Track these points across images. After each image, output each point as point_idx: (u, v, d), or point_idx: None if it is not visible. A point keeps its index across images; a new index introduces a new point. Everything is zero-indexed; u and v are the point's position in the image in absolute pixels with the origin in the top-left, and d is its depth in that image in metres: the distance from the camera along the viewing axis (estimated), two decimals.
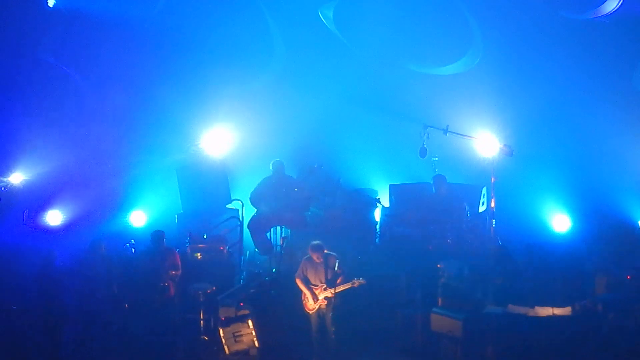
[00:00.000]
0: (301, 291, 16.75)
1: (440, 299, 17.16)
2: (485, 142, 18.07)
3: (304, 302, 16.71)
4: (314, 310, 16.61)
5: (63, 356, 16.54)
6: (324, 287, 16.46)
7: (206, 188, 20.89)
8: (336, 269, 16.54)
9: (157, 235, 17.60)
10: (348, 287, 16.41)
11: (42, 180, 20.81)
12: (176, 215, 20.70)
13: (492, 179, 18.28)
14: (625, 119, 20.44)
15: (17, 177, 20.42)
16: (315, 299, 16.50)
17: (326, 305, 16.48)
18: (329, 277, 16.46)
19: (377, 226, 20.07)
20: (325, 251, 16.60)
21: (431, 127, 18.04)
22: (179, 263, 17.44)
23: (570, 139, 20.65)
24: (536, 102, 20.84)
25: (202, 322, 16.92)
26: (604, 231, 19.48)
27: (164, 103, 21.64)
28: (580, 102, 20.64)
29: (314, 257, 16.55)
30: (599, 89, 20.59)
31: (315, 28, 22.18)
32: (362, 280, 16.41)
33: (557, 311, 16.06)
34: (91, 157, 21.27)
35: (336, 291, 16.43)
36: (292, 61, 22.25)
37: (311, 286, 16.63)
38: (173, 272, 17.21)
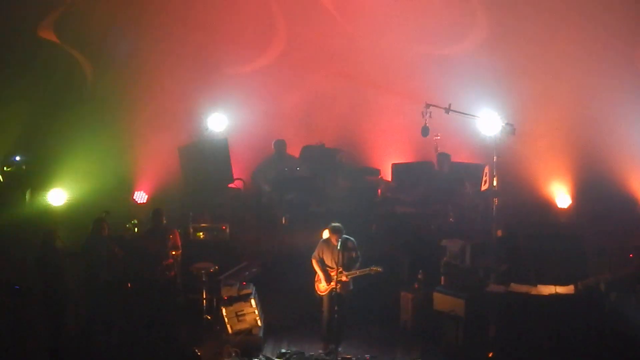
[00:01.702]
0: (313, 273, 16.67)
1: (442, 278, 17.19)
2: (487, 121, 18.02)
3: (315, 284, 16.66)
4: (326, 292, 16.56)
5: (66, 336, 16.56)
6: (339, 270, 16.33)
7: (208, 167, 20.89)
8: (353, 253, 16.51)
9: (156, 213, 17.55)
10: (365, 273, 16.35)
11: (45, 160, 20.85)
12: (178, 194, 20.69)
13: (495, 157, 18.25)
14: (628, 97, 20.37)
15: (20, 158, 20.48)
16: (329, 282, 16.44)
17: (340, 287, 16.40)
18: (345, 260, 16.36)
19: (379, 205, 20.04)
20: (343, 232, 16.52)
21: (433, 105, 18.00)
22: (179, 243, 17.39)
23: (572, 117, 20.58)
24: (538, 80, 20.78)
25: (204, 301, 16.96)
26: (607, 209, 19.49)
27: (167, 83, 21.61)
28: (583, 80, 20.55)
29: (333, 240, 16.41)
30: (601, 67, 20.49)
31: (315, 7, 22.08)
32: (379, 268, 16.28)
33: (560, 290, 16.08)
34: (94, 137, 21.25)
35: (352, 275, 16.38)
36: (293, 40, 22.17)
37: (327, 268, 16.57)
38: (173, 253, 17.15)
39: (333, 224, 16.51)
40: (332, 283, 16.36)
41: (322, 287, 16.52)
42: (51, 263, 16.33)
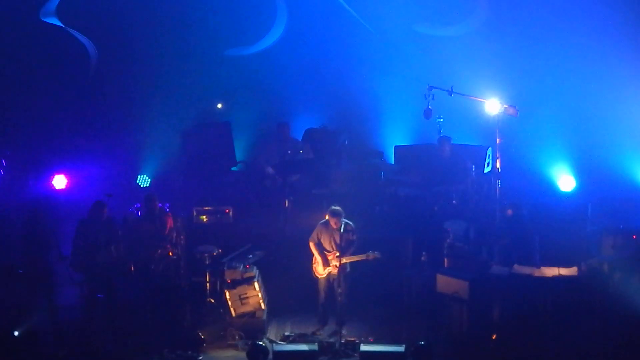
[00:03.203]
0: (312, 255, 16.70)
1: (446, 260, 17.19)
2: (490, 103, 17.99)
3: (313, 266, 16.69)
4: (324, 275, 16.61)
5: (61, 319, 16.52)
6: (337, 254, 16.36)
7: (211, 150, 20.92)
8: (351, 237, 16.51)
9: (149, 199, 17.53)
10: (362, 258, 16.35)
11: (47, 144, 20.85)
12: (182, 178, 20.71)
13: (498, 139, 18.24)
14: (631, 78, 20.33)
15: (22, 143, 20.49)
16: (326, 265, 16.47)
17: (338, 271, 16.41)
18: (343, 244, 16.36)
19: (382, 187, 20.03)
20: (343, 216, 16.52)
21: (436, 88, 17.97)
22: (172, 225, 17.37)
23: (575, 98, 20.55)
24: (541, 61, 20.75)
25: (208, 284, 16.96)
26: (610, 191, 19.47)
27: (170, 65, 21.59)
28: (586, 61, 20.52)
29: (332, 223, 16.39)
30: (604, 47, 20.44)
31: None
32: (377, 254, 16.29)
33: (563, 271, 16.06)
34: (98, 120, 21.25)
35: (348, 260, 16.39)
36: (295, 23, 22.12)
37: (324, 252, 16.57)
38: (173, 235, 17.20)
39: (333, 207, 16.52)
40: (329, 267, 16.40)
41: (320, 270, 16.55)
42: (37, 242, 16.28)
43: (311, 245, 16.65)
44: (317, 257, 16.56)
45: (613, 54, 20.28)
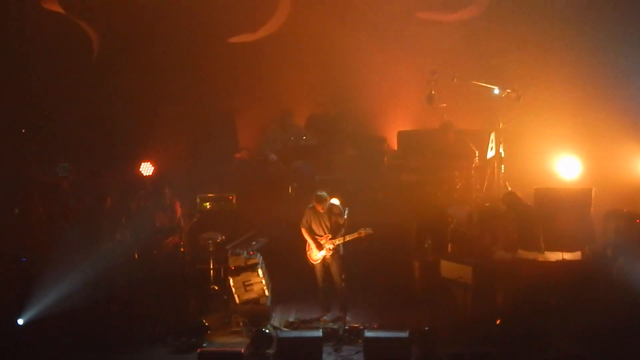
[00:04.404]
0: (306, 241, 16.72)
1: (450, 246, 17.18)
2: (493, 88, 17.97)
3: (307, 252, 16.69)
4: (318, 261, 16.62)
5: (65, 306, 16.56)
6: (328, 237, 16.41)
7: (215, 137, 20.92)
8: (340, 219, 16.51)
9: (158, 189, 17.61)
10: (354, 237, 16.35)
11: (52, 132, 20.87)
12: (185, 165, 20.72)
13: (500, 124, 18.22)
14: (635, 61, 20.28)
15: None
16: (320, 249, 16.46)
17: (331, 255, 16.46)
18: (333, 227, 16.42)
19: (386, 173, 20.03)
20: (330, 200, 16.52)
21: (439, 73, 17.97)
22: (178, 214, 17.41)
23: (579, 83, 20.49)
24: (544, 46, 20.69)
25: (211, 271, 16.98)
26: (614, 174, 19.43)
27: (173, 53, 21.56)
28: (589, 45, 20.46)
29: (318, 208, 16.45)
30: (608, 31, 20.39)
31: None
32: (368, 230, 16.30)
33: (567, 256, 16.07)
34: (101, 109, 21.23)
35: (342, 241, 16.40)
36: (297, 9, 22.07)
37: (316, 237, 16.58)
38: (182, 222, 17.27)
39: (318, 193, 16.54)
40: (322, 251, 16.41)
41: (315, 255, 16.56)
42: (29, 227, 16.35)
43: (303, 231, 16.67)
44: (311, 243, 16.57)
45: (617, 37, 20.23)
